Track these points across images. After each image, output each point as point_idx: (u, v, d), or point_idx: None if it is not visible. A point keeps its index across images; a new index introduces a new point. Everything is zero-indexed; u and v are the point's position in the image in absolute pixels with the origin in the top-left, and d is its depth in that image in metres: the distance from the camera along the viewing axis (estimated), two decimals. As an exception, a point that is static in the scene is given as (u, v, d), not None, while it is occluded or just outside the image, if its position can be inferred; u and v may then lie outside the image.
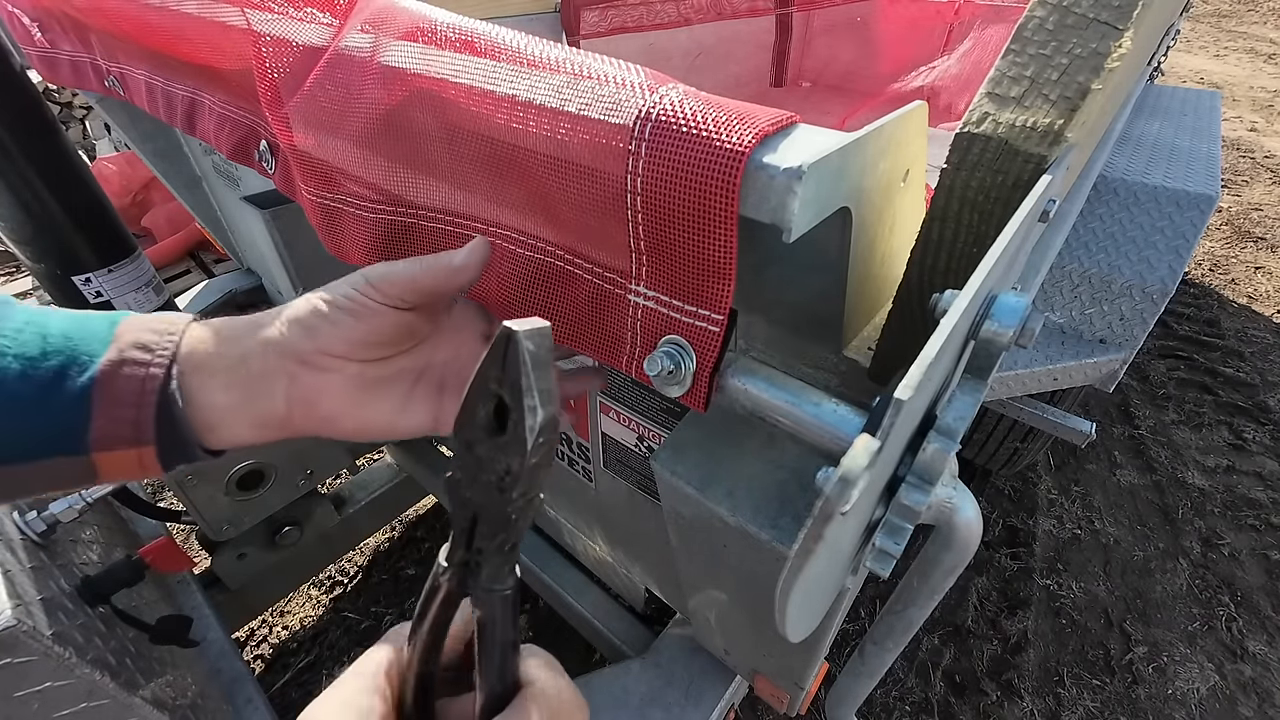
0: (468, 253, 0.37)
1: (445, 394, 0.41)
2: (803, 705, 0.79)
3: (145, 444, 0.33)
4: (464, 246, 0.38)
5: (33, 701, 0.57)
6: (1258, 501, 2.04)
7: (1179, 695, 1.55)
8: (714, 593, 0.68)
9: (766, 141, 0.29)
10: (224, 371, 0.34)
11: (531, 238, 0.39)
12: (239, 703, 0.94)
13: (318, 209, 0.49)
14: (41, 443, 0.31)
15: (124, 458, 0.33)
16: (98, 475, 0.33)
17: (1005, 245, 0.29)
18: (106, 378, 0.32)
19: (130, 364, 0.32)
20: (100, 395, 0.32)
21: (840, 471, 0.22)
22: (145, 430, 0.32)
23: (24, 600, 0.59)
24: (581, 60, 0.33)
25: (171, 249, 2.68)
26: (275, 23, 0.45)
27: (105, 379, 0.32)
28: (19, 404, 0.31)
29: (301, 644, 1.62)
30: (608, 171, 0.31)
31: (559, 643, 1.60)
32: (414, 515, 1.94)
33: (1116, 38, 0.33)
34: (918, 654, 1.62)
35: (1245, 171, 4.32)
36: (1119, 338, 1.12)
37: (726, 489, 0.50)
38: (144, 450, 0.33)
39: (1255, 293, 3.09)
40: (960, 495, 0.39)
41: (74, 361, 0.32)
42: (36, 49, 0.86)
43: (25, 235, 0.82)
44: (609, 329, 0.38)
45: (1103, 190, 1.15)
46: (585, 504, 0.99)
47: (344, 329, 0.36)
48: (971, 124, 0.34)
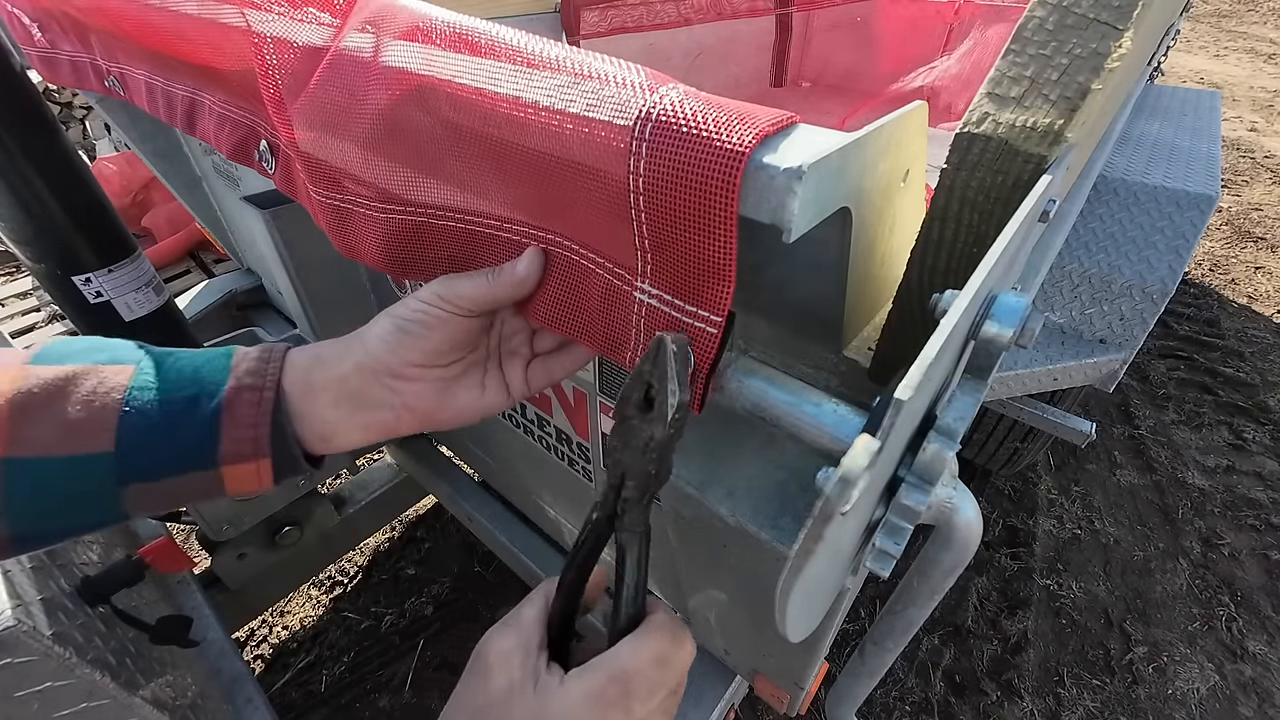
0: (527, 264, 0.41)
1: (507, 370, 0.47)
2: (803, 705, 0.79)
3: (263, 457, 0.38)
4: (521, 257, 0.41)
5: (33, 701, 0.57)
6: (1258, 501, 2.04)
7: (1179, 695, 1.55)
8: (714, 593, 0.68)
9: (767, 141, 0.29)
10: (328, 389, 0.40)
11: (546, 231, 0.40)
12: (239, 703, 0.94)
13: (327, 210, 0.49)
14: (180, 461, 0.37)
15: (245, 470, 0.38)
16: (225, 487, 0.39)
17: (1005, 245, 0.29)
18: (230, 403, 0.38)
19: (248, 390, 0.38)
20: (226, 418, 0.38)
21: (840, 472, 0.22)
22: (263, 446, 0.38)
23: (24, 600, 0.59)
24: (582, 60, 0.33)
25: (171, 249, 2.68)
26: (276, 23, 0.45)
27: (229, 405, 0.38)
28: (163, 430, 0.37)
29: (301, 644, 1.62)
30: (610, 171, 0.31)
31: (559, 643, 1.60)
32: (414, 515, 1.94)
33: (1116, 38, 0.33)
34: (918, 654, 1.63)
35: (1245, 171, 4.32)
36: (1119, 338, 1.12)
37: (726, 489, 0.50)
38: (261, 463, 0.38)
39: (1255, 293, 3.09)
40: (960, 495, 0.39)
41: (205, 392, 0.38)
42: (36, 49, 0.86)
43: (25, 235, 0.82)
44: (615, 325, 0.38)
45: (1103, 190, 1.15)
46: (585, 504, 0.99)
47: (423, 341, 0.41)
48: (971, 124, 0.34)
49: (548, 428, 0.91)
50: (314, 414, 0.40)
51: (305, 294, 1.05)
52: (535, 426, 0.94)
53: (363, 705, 1.50)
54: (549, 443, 0.93)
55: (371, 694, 1.51)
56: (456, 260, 0.45)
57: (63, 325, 2.00)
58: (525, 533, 1.31)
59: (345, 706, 1.49)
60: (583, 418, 0.81)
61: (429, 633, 1.64)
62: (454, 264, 0.45)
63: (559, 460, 0.94)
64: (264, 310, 1.53)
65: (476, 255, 0.44)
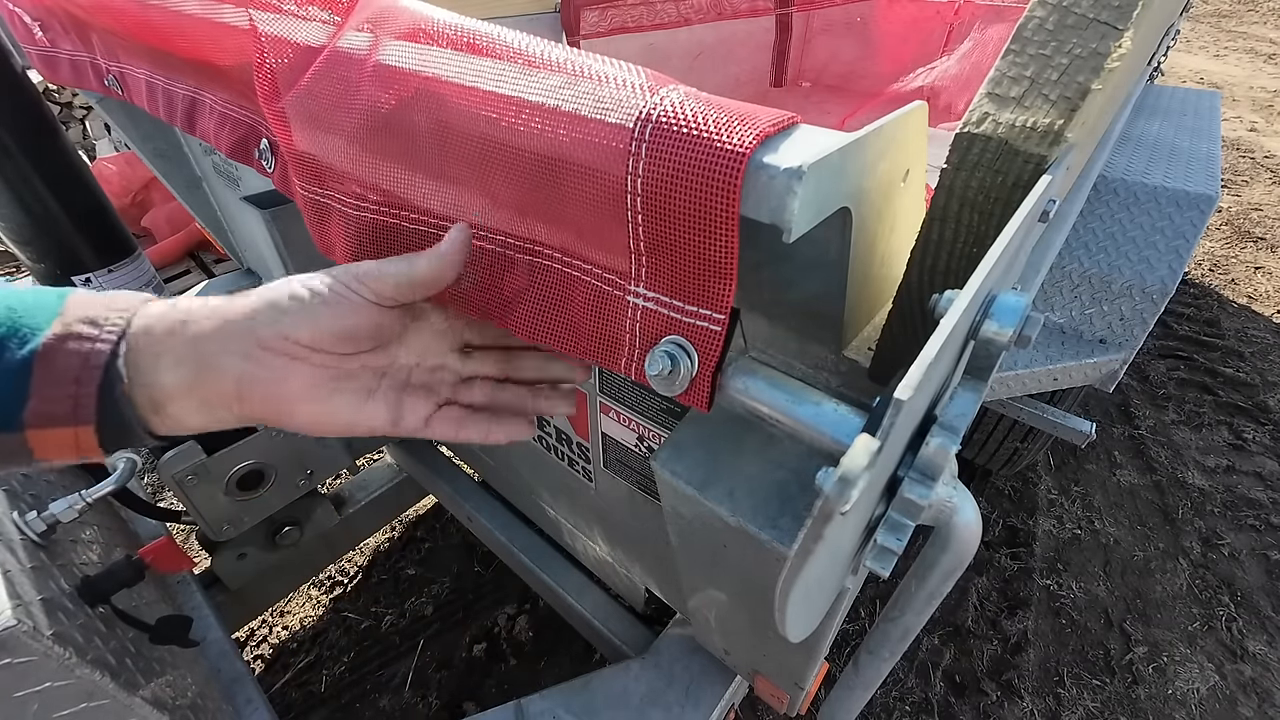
0: (450, 242, 0.38)
1: (407, 397, 0.41)
2: (803, 705, 0.79)
3: (84, 423, 0.31)
4: (445, 237, 0.38)
5: (33, 702, 0.57)
6: (1258, 501, 2.04)
7: (1179, 695, 1.55)
8: (714, 593, 0.68)
9: (767, 142, 0.29)
10: (175, 349, 0.33)
11: (526, 241, 0.39)
12: (239, 703, 0.94)
13: (309, 204, 0.49)
14: None
15: (60, 437, 0.31)
16: (32, 454, 0.32)
17: (1005, 245, 0.29)
18: (49, 352, 0.31)
19: (75, 339, 0.31)
20: (40, 370, 0.30)
21: (840, 471, 0.22)
22: (85, 409, 0.31)
23: (24, 600, 0.59)
24: (582, 60, 0.33)
25: (171, 249, 2.68)
26: (277, 21, 0.45)
27: (47, 354, 0.31)
28: None
29: (301, 644, 1.62)
30: (607, 172, 0.31)
31: (559, 643, 1.60)
32: (414, 515, 1.94)
33: (1116, 38, 0.33)
34: (918, 654, 1.62)
35: (1245, 171, 4.32)
36: (1119, 338, 1.12)
37: (726, 489, 0.50)
38: (81, 430, 0.31)
39: (1255, 293, 3.09)
40: (960, 496, 0.39)
41: (14, 334, 0.31)
42: (37, 48, 0.86)
43: (25, 235, 0.82)
44: (607, 331, 0.38)
45: (1103, 190, 1.15)
46: (585, 504, 0.99)
47: (319, 318, 0.35)
48: (971, 124, 0.34)
49: (548, 428, 0.91)
50: (146, 376, 0.32)
51: (305, 294, 1.05)
52: (535, 426, 0.94)
53: (363, 705, 1.50)
54: (549, 443, 0.93)
55: (371, 694, 1.51)
56: None
57: (63, 325, 1.99)
58: (525, 533, 1.31)
59: (345, 706, 1.49)
60: (583, 418, 0.81)
61: (429, 633, 1.64)
62: None
63: (559, 460, 0.94)
64: (264, 310, 1.53)
65: None
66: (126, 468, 0.82)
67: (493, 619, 1.66)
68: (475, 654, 1.59)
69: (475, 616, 1.67)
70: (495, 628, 1.64)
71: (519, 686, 1.52)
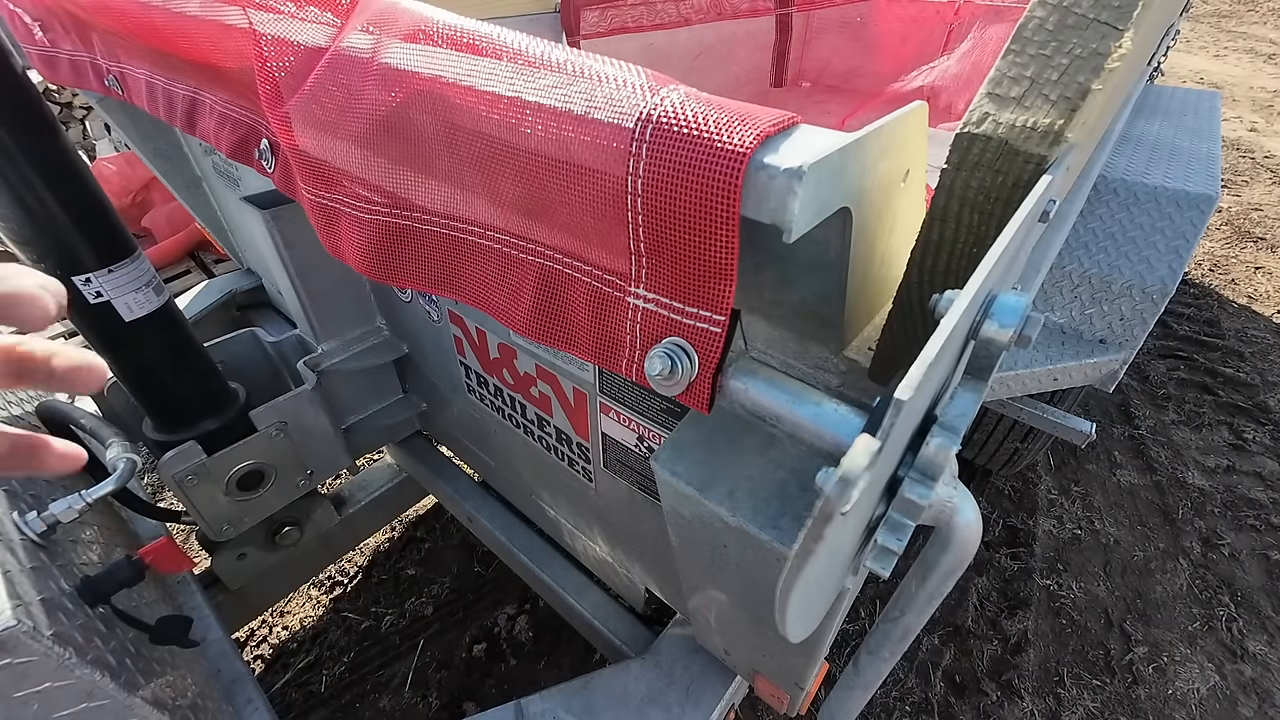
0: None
1: None
2: (803, 705, 0.79)
3: None
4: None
5: (33, 702, 0.57)
6: (1258, 501, 2.04)
7: (1179, 695, 1.55)
8: (714, 593, 0.68)
9: (767, 142, 0.29)
10: None
11: (529, 241, 0.39)
12: (239, 703, 0.94)
13: (317, 208, 0.49)
14: None
15: None
16: None
17: (1005, 245, 0.29)
18: None
19: None
20: None
21: (840, 472, 0.22)
22: None
23: (24, 600, 0.59)
24: (582, 61, 0.33)
25: (171, 249, 2.68)
26: (277, 22, 0.45)
27: None
28: None
29: (301, 644, 1.62)
30: (608, 173, 0.31)
31: (559, 643, 1.60)
32: (414, 515, 1.94)
33: (1116, 38, 0.33)
34: (918, 654, 1.62)
35: (1245, 171, 4.32)
36: (1119, 338, 1.12)
37: (726, 489, 0.50)
38: None
39: (1255, 293, 3.09)
40: (960, 496, 0.39)
41: None
42: (37, 47, 0.86)
43: (25, 235, 0.81)
44: (607, 332, 0.38)
45: (1103, 190, 1.15)
46: (585, 504, 0.99)
47: None
48: (971, 124, 0.34)
49: (548, 428, 0.91)
50: None
51: (305, 294, 1.05)
52: (535, 426, 0.94)
53: (363, 705, 1.50)
54: (549, 443, 0.93)
55: (371, 694, 1.52)
56: (436, 268, 0.45)
57: (62, 326, 2.00)
58: (525, 533, 1.31)
59: (345, 706, 1.49)
60: (583, 418, 0.81)
61: (429, 633, 1.64)
62: (433, 272, 0.45)
63: (559, 460, 0.94)
64: (264, 310, 1.53)
65: (456, 262, 0.44)
66: (126, 468, 0.82)
67: (493, 619, 1.66)
68: (475, 654, 1.59)
69: (475, 616, 1.67)
70: (495, 628, 1.64)
71: (519, 686, 1.52)
